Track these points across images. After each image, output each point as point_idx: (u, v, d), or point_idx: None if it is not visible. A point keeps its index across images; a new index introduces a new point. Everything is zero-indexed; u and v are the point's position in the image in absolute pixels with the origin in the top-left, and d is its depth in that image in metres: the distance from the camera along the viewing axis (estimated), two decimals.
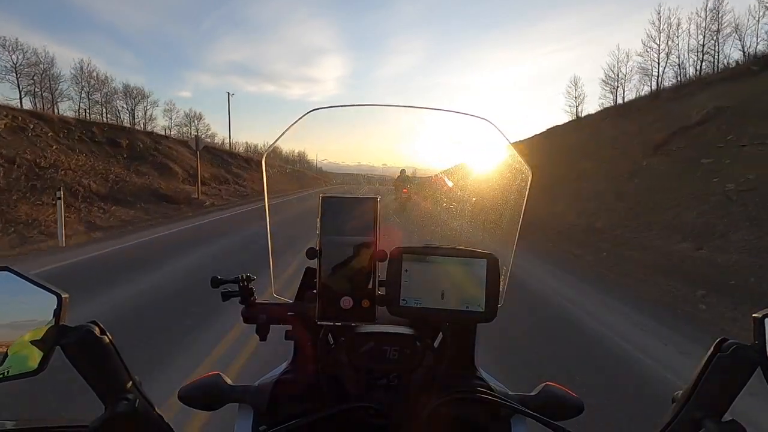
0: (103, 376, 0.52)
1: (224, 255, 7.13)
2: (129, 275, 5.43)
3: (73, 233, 8.87)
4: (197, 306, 4.08)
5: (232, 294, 0.74)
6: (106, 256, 6.89)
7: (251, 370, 2.94)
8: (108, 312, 4.03)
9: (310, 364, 0.73)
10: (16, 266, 0.48)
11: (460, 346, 0.75)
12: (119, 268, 5.94)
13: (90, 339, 0.50)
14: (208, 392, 0.70)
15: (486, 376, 0.76)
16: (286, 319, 0.74)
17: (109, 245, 7.88)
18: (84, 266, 6.19)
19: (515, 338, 3.55)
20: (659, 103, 17.37)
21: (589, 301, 4.99)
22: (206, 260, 6.61)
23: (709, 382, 0.52)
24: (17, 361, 0.48)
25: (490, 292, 0.66)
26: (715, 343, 0.53)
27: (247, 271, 0.77)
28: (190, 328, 3.63)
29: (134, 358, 1.30)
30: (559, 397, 0.71)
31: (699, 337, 3.91)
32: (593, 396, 2.63)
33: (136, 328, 3.61)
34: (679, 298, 5.03)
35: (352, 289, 0.65)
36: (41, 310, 0.49)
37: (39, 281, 0.49)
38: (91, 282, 5.16)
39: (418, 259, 0.68)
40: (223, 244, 8.19)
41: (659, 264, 6.33)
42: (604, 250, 7.53)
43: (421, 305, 0.67)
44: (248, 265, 1.09)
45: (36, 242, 7.97)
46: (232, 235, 9.23)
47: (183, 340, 3.43)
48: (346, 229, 0.65)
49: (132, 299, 4.47)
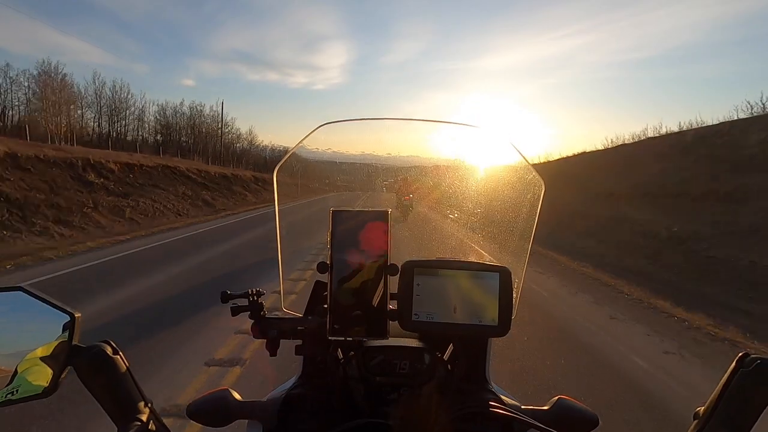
0: (116, 396, 0.51)
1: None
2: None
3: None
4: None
5: (242, 309, 0.74)
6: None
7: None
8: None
9: (320, 379, 0.72)
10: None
11: (471, 360, 0.74)
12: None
13: (102, 359, 0.50)
14: (216, 408, 0.69)
15: (498, 390, 0.75)
16: (296, 334, 0.73)
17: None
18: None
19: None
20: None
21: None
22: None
23: (731, 398, 0.51)
24: (27, 379, 0.47)
25: (503, 306, 0.66)
26: (737, 358, 0.52)
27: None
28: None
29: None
30: (573, 410, 0.69)
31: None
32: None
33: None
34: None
35: (364, 304, 0.64)
36: (54, 330, 0.49)
37: (52, 301, 0.49)
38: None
39: (429, 272, 0.68)
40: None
41: None
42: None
43: (434, 319, 0.67)
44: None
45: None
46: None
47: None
48: (357, 243, 0.65)
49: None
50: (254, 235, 10.66)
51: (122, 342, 0.52)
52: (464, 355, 0.72)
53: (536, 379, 3.20)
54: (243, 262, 7.31)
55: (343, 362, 0.75)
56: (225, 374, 3.15)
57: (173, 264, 7.00)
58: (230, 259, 7.63)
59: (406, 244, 1.22)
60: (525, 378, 3.20)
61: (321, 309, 0.70)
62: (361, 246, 0.65)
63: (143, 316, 4.38)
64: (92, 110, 41.03)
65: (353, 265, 0.64)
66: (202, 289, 5.39)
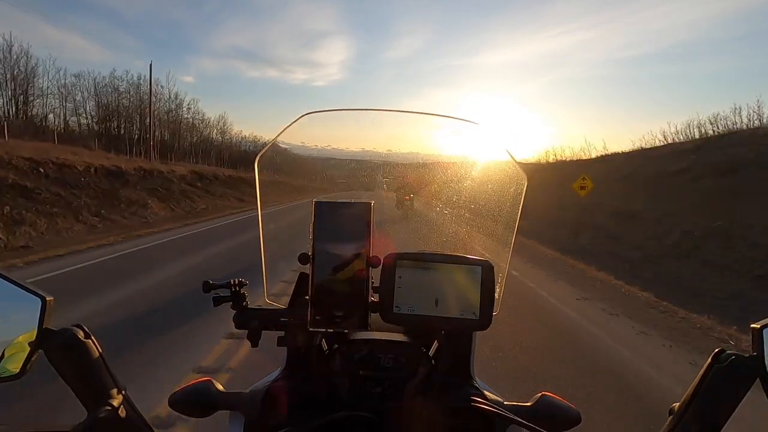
0: (87, 381, 0.51)
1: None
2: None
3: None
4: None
5: (224, 299, 0.73)
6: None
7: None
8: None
9: (303, 371, 0.72)
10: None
11: (456, 355, 0.74)
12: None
13: (74, 343, 0.49)
14: (198, 398, 0.69)
15: (482, 386, 0.74)
16: (278, 325, 0.73)
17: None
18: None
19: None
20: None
21: None
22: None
23: (706, 394, 0.51)
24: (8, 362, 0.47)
25: (485, 300, 0.65)
26: (713, 354, 0.52)
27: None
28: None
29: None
30: (555, 407, 0.69)
31: None
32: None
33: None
34: None
35: (345, 296, 0.64)
36: (27, 313, 0.49)
37: (23, 284, 0.49)
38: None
39: (412, 265, 0.67)
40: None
41: None
42: None
43: (415, 312, 0.66)
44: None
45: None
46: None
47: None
48: (339, 235, 0.64)
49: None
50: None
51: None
52: (448, 351, 0.72)
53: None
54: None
55: (327, 354, 0.75)
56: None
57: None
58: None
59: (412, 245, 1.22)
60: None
61: (303, 300, 0.70)
62: (344, 238, 0.64)
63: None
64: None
65: (335, 257, 0.64)
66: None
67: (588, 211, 13.14)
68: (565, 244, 11.42)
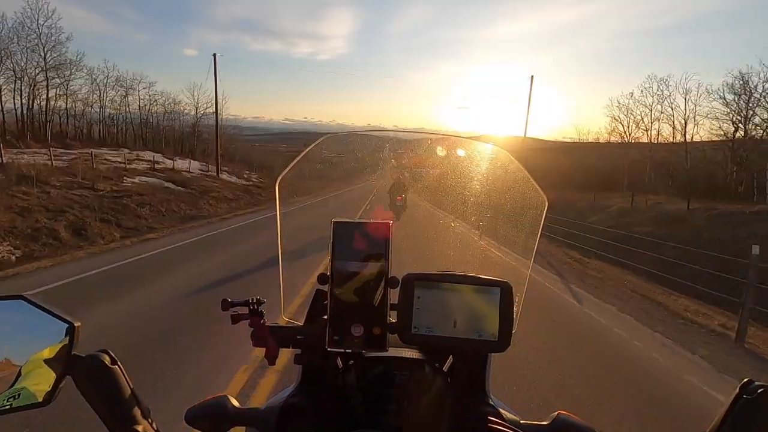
0: (113, 407, 0.51)
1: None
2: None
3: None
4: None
5: (242, 317, 0.74)
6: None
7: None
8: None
9: (318, 387, 0.72)
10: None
11: (471, 372, 0.73)
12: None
13: (101, 369, 0.50)
14: (214, 415, 0.69)
15: (498, 404, 0.74)
16: (296, 343, 0.73)
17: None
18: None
19: None
20: None
21: None
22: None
23: (734, 426, 0.50)
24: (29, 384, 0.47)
25: (504, 321, 0.65)
26: (740, 385, 0.51)
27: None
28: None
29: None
30: (572, 426, 0.68)
31: None
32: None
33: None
34: None
35: (363, 316, 0.64)
36: (55, 339, 0.49)
37: (52, 310, 0.49)
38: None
39: (430, 286, 0.67)
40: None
41: None
42: None
43: (433, 333, 0.66)
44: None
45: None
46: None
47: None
48: (357, 255, 0.64)
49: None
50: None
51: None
52: (464, 368, 0.71)
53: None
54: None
55: (342, 371, 0.75)
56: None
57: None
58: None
59: (409, 251, 1.22)
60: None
61: (321, 320, 0.70)
62: (362, 258, 0.64)
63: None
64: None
65: (353, 277, 0.64)
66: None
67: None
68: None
